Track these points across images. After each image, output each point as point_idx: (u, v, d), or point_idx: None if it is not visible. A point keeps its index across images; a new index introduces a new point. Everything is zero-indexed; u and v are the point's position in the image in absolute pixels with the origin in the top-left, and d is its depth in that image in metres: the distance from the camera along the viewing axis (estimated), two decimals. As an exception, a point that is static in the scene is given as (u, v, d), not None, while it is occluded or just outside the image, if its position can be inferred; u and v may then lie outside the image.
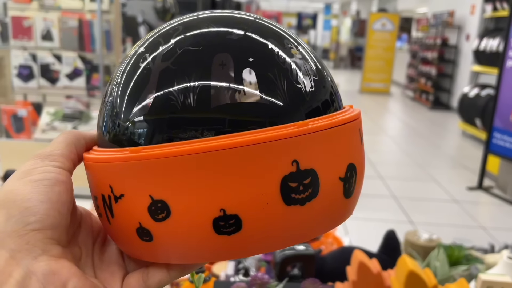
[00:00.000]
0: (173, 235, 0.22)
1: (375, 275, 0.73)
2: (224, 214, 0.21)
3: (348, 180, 0.24)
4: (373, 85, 8.17)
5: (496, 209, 2.78)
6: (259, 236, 0.22)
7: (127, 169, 0.22)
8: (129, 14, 3.48)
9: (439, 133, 5.12)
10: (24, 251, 0.20)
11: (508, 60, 2.90)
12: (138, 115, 0.23)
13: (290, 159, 0.21)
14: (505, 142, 2.88)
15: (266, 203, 0.21)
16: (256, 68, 0.23)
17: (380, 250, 0.92)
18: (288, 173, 0.21)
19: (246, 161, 0.21)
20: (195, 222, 0.22)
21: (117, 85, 0.25)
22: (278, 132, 0.21)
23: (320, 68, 0.27)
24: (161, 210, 0.22)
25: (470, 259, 1.21)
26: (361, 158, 0.26)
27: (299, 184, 0.22)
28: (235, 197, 0.21)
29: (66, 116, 2.45)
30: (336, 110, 0.26)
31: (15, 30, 2.40)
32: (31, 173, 0.23)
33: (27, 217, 0.21)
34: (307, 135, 0.22)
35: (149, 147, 0.22)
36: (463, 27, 6.30)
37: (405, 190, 3.01)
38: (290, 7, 18.94)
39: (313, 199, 0.22)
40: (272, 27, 0.26)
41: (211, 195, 0.21)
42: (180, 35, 0.25)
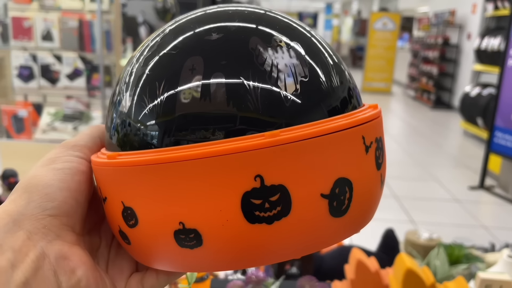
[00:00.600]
0: (143, 242, 0.22)
1: (373, 274, 0.72)
2: (183, 227, 0.20)
3: (337, 197, 0.21)
4: (374, 84, 8.16)
5: (498, 208, 2.77)
6: (223, 252, 0.21)
7: (105, 174, 0.23)
8: (129, 14, 3.49)
9: (441, 132, 5.11)
10: (40, 234, 0.21)
11: (509, 59, 2.89)
12: (116, 119, 0.24)
13: (253, 174, 0.19)
14: (506, 141, 2.87)
15: (226, 219, 0.20)
16: (226, 72, 0.21)
17: (379, 249, 0.91)
18: (250, 189, 0.19)
19: (204, 174, 0.20)
20: (159, 232, 0.21)
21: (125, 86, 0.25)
22: (239, 144, 0.19)
23: (322, 64, 0.23)
24: (130, 217, 0.22)
25: (470, 258, 1.20)
26: (363, 171, 0.22)
27: (264, 201, 0.20)
28: (194, 211, 0.20)
29: (67, 117, 2.45)
30: (340, 111, 0.23)
31: (15, 30, 2.40)
32: (55, 161, 0.24)
33: (46, 203, 0.22)
34: (275, 147, 0.19)
35: (123, 154, 0.22)
36: (465, 26, 6.29)
37: (407, 189, 3.01)
38: (291, 6, 18.93)
39: (283, 217, 0.20)
40: (267, 18, 0.24)
41: (170, 207, 0.20)
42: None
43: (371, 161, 0.23)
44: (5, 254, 0.20)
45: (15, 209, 0.21)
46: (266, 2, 16.56)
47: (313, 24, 14.75)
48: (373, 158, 0.23)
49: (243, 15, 0.24)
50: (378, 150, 0.24)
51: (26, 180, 0.23)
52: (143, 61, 0.23)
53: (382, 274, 0.74)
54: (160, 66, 0.22)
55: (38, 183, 0.22)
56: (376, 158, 0.24)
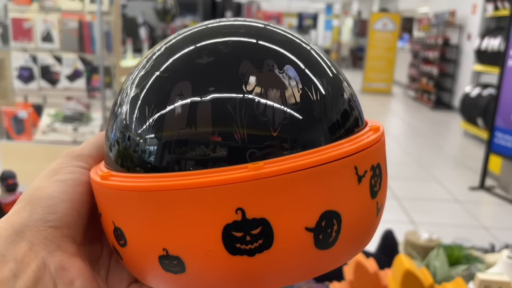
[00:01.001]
0: (133, 261, 0.23)
1: (372, 275, 0.72)
2: (167, 253, 0.21)
3: (323, 230, 0.20)
4: (374, 85, 8.16)
5: (498, 209, 2.77)
6: (205, 280, 0.21)
7: (99, 192, 0.23)
8: (129, 15, 3.49)
9: (441, 133, 5.10)
10: (41, 245, 0.22)
11: (509, 59, 2.89)
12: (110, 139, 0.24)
13: (234, 207, 0.19)
14: (506, 142, 2.87)
15: (207, 250, 0.20)
16: (213, 99, 0.20)
17: (378, 250, 0.91)
18: (231, 221, 0.19)
19: (186, 205, 0.19)
20: (145, 255, 0.21)
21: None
22: (221, 176, 0.19)
23: (315, 89, 0.22)
24: (120, 237, 0.22)
25: (470, 259, 1.20)
26: (354, 202, 0.21)
27: (245, 234, 0.19)
28: (177, 239, 0.20)
29: (67, 118, 2.46)
30: (334, 138, 0.22)
31: (15, 31, 2.41)
32: (58, 172, 0.24)
33: (48, 215, 0.23)
34: (258, 180, 0.19)
35: (115, 175, 0.22)
36: (465, 27, 6.29)
37: (407, 190, 3.01)
38: (291, 7, 18.93)
39: (265, 250, 0.20)
40: (263, 36, 0.23)
41: (155, 233, 0.21)
42: None
43: (364, 191, 0.22)
44: (7, 264, 0.20)
45: (18, 220, 0.22)
46: (267, 3, 16.57)
47: (313, 24, 14.75)
48: (367, 188, 0.22)
49: (238, 34, 0.23)
50: (374, 178, 0.22)
51: (30, 191, 0.23)
52: (137, 80, 0.23)
53: (380, 275, 0.74)
54: (151, 90, 0.22)
55: (41, 195, 0.23)
56: (371, 187, 0.22)
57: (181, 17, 4.76)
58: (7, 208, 0.73)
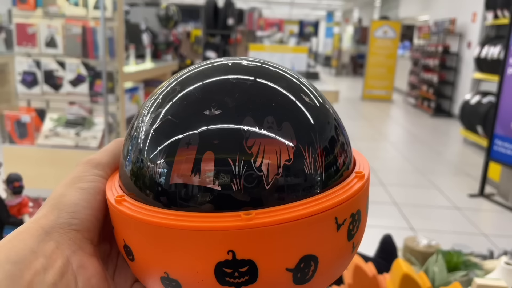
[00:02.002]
0: (139, 274, 0.26)
1: (371, 279, 0.73)
2: (167, 276, 0.24)
3: (301, 270, 0.23)
4: (375, 92, 8.19)
5: (498, 216, 2.77)
6: None
7: (112, 211, 0.26)
8: (132, 21, 3.52)
9: (441, 140, 5.12)
10: (66, 244, 0.26)
11: (508, 67, 2.91)
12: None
13: (226, 249, 0.22)
14: (506, 149, 2.89)
15: (201, 279, 0.23)
16: (217, 151, 0.23)
17: (377, 254, 0.92)
18: (223, 260, 0.22)
19: (186, 241, 0.23)
20: (148, 273, 0.25)
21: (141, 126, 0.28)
22: (218, 223, 0.22)
23: (310, 144, 0.24)
24: (129, 253, 0.26)
25: (468, 265, 1.21)
26: (331, 246, 0.24)
27: (234, 270, 0.22)
28: (176, 266, 0.23)
29: (69, 122, 2.47)
30: (321, 188, 0.24)
31: (19, 37, 2.43)
32: (81, 180, 0.28)
33: (72, 219, 0.26)
34: (248, 229, 0.22)
35: (126, 201, 0.25)
36: (465, 35, 6.33)
37: (407, 196, 3.01)
38: (292, 14, 19.03)
39: (250, 284, 0.23)
40: (268, 90, 0.26)
41: (158, 258, 0.24)
42: None
43: (342, 236, 0.25)
44: (39, 259, 0.24)
45: (47, 223, 0.26)
46: (268, 10, 16.66)
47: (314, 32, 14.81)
48: (345, 233, 0.25)
49: (244, 87, 0.25)
50: (352, 223, 0.25)
51: (56, 197, 0.27)
52: (152, 116, 0.26)
53: (379, 279, 0.75)
54: (163, 131, 0.25)
55: (66, 202, 0.27)
56: (349, 231, 0.25)
57: (183, 24, 4.80)
58: (13, 210, 0.75)
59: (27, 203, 0.76)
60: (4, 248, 0.23)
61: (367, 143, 4.61)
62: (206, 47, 5.13)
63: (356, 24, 13.92)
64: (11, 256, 0.23)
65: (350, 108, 7.11)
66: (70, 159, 2.39)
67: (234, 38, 5.60)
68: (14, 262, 0.23)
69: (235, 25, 5.59)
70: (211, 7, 5.38)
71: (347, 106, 7.17)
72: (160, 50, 3.68)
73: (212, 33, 5.45)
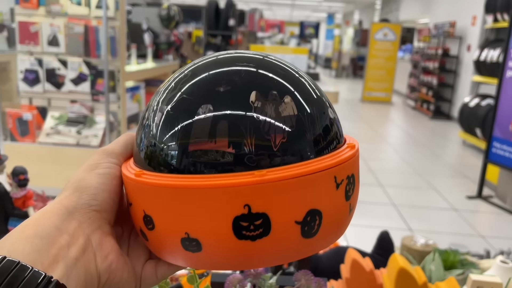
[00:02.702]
0: (158, 243, 0.29)
1: (368, 273, 0.75)
2: (188, 236, 0.26)
3: (308, 223, 0.26)
4: (374, 94, 8.21)
5: (495, 218, 2.79)
6: (217, 258, 0.27)
7: (132, 186, 0.29)
8: (134, 21, 3.54)
9: (440, 142, 5.14)
10: (87, 223, 0.28)
11: (508, 70, 2.93)
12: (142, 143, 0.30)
13: (243, 203, 0.25)
14: (504, 152, 2.90)
15: (220, 234, 0.26)
16: (229, 120, 0.26)
17: (374, 250, 0.94)
18: (240, 214, 0.25)
19: (206, 200, 0.25)
20: (169, 237, 0.27)
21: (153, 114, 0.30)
22: (234, 180, 0.25)
23: (307, 115, 0.28)
24: (149, 223, 0.28)
25: (465, 264, 1.22)
26: (332, 203, 0.27)
27: (250, 224, 0.25)
28: (196, 226, 0.26)
29: (70, 120, 2.49)
30: (322, 153, 0.28)
31: (22, 35, 2.45)
32: (98, 167, 0.30)
33: (92, 201, 0.29)
34: (261, 184, 0.25)
35: (148, 174, 0.28)
36: (464, 38, 6.35)
37: (405, 198, 3.03)
38: (293, 16, 19.07)
39: (264, 237, 0.25)
40: (270, 69, 0.29)
41: (179, 220, 0.26)
42: None
43: (340, 195, 0.28)
44: (63, 235, 0.26)
45: (69, 204, 0.28)
46: (269, 12, 16.69)
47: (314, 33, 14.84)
48: (343, 192, 0.28)
49: (250, 72, 0.29)
50: (348, 185, 0.29)
51: (76, 181, 0.30)
52: (167, 99, 0.29)
53: (376, 273, 0.76)
54: (180, 108, 0.28)
55: (86, 185, 0.29)
56: (346, 192, 0.29)
57: (184, 24, 4.82)
58: (18, 203, 0.76)
59: (32, 195, 0.77)
60: (32, 226, 0.26)
61: (367, 144, 4.63)
62: (207, 47, 5.15)
63: (357, 26, 13.96)
64: (39, 232, 0.25)
65: (350, 110, 7.13)
66: (71, 157, 2.41)
67: (235, 39, 5.62)
68: (42, 237, 0.25)
69: (236, 26, 5.61)
70: (212, 8, 5.40)
71: (347, 108, 7.18)
72: (162, 50, 3.69)
73: (213, 34, 5.47)
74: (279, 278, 0.58)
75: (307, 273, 0.53)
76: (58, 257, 0.25)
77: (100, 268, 0.28)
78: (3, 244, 0.25)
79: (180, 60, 4.06)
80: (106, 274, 0.28)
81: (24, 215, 0.76)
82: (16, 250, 0.24)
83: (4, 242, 0.25)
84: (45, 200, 0.87)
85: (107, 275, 0.28)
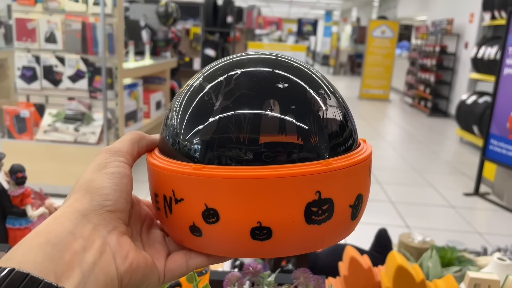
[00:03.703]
0: (218, 235, 0.29)
1: (366, 270, 0.75)
2: (260, 225, 0.27)
3: (356, 207, 0.30)
4: (372, 91, 8.21)
5: (492, 215, 2.80)
6: (284, 244, 0.28)
7: (189, 181, 0.28)
8: (131, 18, 3.52)
9: (437, 139, 5.15)
10: (102, 225, 0.27)
11: (505, 68, 2.94)
12: (197, 137, 0.29)
13: (315, 190, 0.27)
14: (501, 149, 2.91)
15: (292, 221, 0.27)
16: (296, 114, 0.28)
17: (372, 248, 0.94)
18: (311, 200, 0.27)
19: (281, 188, 0.27)
20: (237, 228, 0.28)
21: (180, 107, 0.31)
22: (307, 169, 0.27)
23: (345, 111, 0.32)
24: (212, 216, 0.28)
25: (462, 261, 1.23)
26: (368, 188, 0.32)
27: (319, 209, 0.28)
28: (270, 214, 0.27)
29: (68, 118, 2.48)
30: (353, 147, 0.31)
31: (19, 32, 2.44)
32: (106, 167, 0.30)
33: (105, 201, 0.28)
34: (329, 172, 0.28)
35: (208, 167, 0.28)
36: (462, 35, 6.36)
37: (402, 195, 3.04)
38: (291, 13, 19.03)
39: (328, 220, 0.28)
40: (312, 75, 0.32)
41: (251, 210, 0.27)
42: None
43: (370, 180, 0.33)
44: (78, 240, 0.25)
45: (82, 206, 0.27)
46: (267, 9, 16.65)
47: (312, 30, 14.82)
48: (370, 179, 0.33)
49: (270, 66, 0.31)
50: (370, 174, 0.33)
51: (85, 182, 0.29)
52: (223, 92, 0.29)
53: (374, 271, 0.77)
54: (246, 104, 0.29)
55: (97, 186, 0.28)
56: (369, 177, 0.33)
57: (182, 21, 4.80)
58: (16, 200, 0.76)
59: (30, 193, 0.77)
60: (44, 232, 0.25)
61: (364, 142, 4.62)
62: (205, 44, 5.14)
63: (354, 24, 13.94)
64: (51, 239, 0.24)
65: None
66: (69, 154, 2.40)
67: (233, 36, 5.61)
68: (54, 244, 0.24)
69: (234, 23, 5.60)
70: (210, 5, 5.39)
71: (345, 105, 7.17)
72: (159, 47, 3.68)
73: (211, 31, 5.46)
74: (277, 276, 0.58)
75: (306, 271, 0.53)
76: (73, 264, 0.24)
77: (121, 270, 0.27)
78: (14, 254, 0.23)
79: (178, 57, 4.05)
80: (128, 274, 0.27)
81: (22, 213, 0.76)
82: (27, 261, 0.23)
83: (14, 252, 0.24)
84: (43, 198, 0.86)
85: (129, 276, 0.27)
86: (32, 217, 0.75)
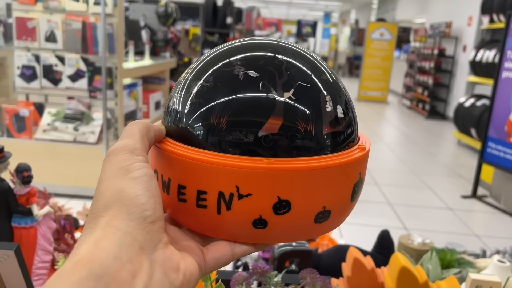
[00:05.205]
0: (286, 224, 0.30)
1: (369, 271, 0.76)
2: (324, 209, 0.30)
3: (357, 190, 0.34)
4: (370, 93, 8.24)
5: (490, 217, 2.82)
6: (336, 220, 0.32)
7: (260, 175, 0.28)
8: (131, 18, 3.52)
9: (435, 142, 5.17)
10: (148, 241, 0.24)
11: (503, 71, 2.96)
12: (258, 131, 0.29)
13: (358, 172, 0.32)
14: (499, 152, 2.93)
15: (344, 201, 0.32)
16: (342, 106, 0.32)
17: (374, 249, 0.95)
18: (356, 181, 0.32)
19: (340, 174, 0.30)
20: (305, 215, 0.30)
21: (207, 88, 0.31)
22: (354, 155, 0.31)
23: (350, 103, 0.35)
24: (284, 207, 0.29)
25: (462, 263, 1.24)
26: (364, 175, 0.36)
27: (359, 188, 0.33)
28: (331, 198, 0.31)
29: (68, 117, 2.48)
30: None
31: (19, 31, 2.43)
32: (130, 170, 0.26)
33: (144, 212, 0.24)
34: (365, 156, 0.32)
35: (279, 160, 0.28)
36: (460, 38, 6.39)
37: (400, 197, 3.05)
38: (290, 15, 19.05)
39: (358, 197, 0.33)
40: (321, 67, 0.34)
41: (318, 197, 0.30)
42: None
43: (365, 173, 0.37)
44: (125, 266, 0.22)
45: (121, 223, 0.24)
46: (267, 10, 16.67)
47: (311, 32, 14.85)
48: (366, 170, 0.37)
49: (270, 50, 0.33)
50: None
51: (115, 193, 0.25)
52: (248, 78, 0.30)
53: (377, 272, 0.77)
54: (307, 96, 0.31)
55: (131, 195, 0.25)
56: None
57: (182, 21, 4.80)
58: (21, 199, 0.76)
59: (35, 192, 0.77)
60: (86, 261, 0.21)
61: (363, 143, 4.63)
62: (204, 45, 5.14)
63: (353, 26, 13.98)
64: (94, 269, 0.21)
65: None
66: (68, 153, 2.39)
67: (232, 36, 5.62)
68: (99, 277, 0.21)
69: (234, 24, 5.61)
70: (210, 6, 5.39)
71: (343, 107, 7.18)
72: (159, 47, 3.68)
73: (210, 32, 5.46)
74: (284, 276, 0.58)
75: (313, 271, 0.54)
76: None
77: (177, 284, 0.25)
78: None
79: (177, 58, 4.05)
80: (184, 286, 0.25)
81: (28, 212, 0.76)
82: None
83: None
84: (47, 197, 0.87)
85: (185, 286, 0.25)
86: (38, 216, 0.75)
